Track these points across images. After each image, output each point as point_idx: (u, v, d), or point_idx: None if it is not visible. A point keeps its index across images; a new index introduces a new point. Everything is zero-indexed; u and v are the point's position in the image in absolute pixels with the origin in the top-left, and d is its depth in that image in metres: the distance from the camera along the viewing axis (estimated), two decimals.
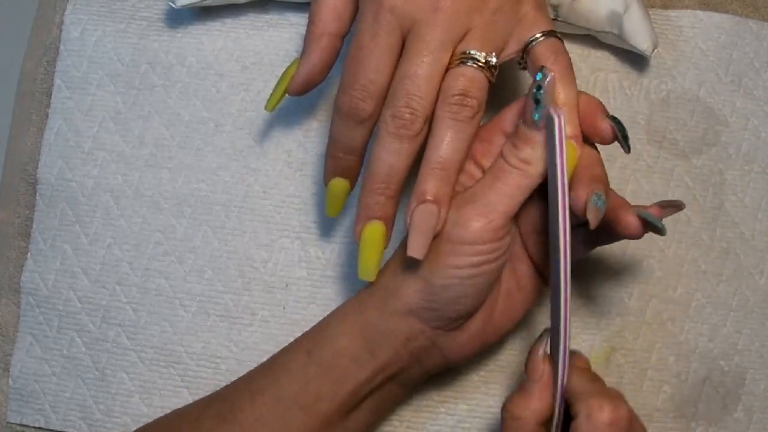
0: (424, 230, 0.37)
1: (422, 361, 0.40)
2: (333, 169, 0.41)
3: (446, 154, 0.37)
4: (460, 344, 0.40)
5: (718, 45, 0.50)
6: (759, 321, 0.48)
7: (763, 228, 0.49)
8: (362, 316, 0.39)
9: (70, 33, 0.51)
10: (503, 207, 0.37)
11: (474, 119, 0.37)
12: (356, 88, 0.38)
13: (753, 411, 0.47)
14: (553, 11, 0.47)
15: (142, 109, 0.50)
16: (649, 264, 0.48)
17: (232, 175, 0.49)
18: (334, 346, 0.39)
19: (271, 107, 0.43)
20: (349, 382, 0.39)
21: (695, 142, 0.49)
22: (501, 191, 0.37)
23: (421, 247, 0.37)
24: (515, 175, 0.37)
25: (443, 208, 0.37)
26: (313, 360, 0.39)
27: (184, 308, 0.48)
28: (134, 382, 0.48)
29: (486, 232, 0.37)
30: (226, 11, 0.51)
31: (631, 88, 0.50)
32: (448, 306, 0.38)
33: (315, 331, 0.41)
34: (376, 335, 0.39)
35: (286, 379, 0.39)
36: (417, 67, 0.37)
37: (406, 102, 0.37)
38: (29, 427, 0.48)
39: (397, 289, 0.39)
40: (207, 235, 0.49)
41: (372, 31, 0.37)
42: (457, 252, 0.37)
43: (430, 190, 0.37)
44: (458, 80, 0.37)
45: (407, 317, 0.38)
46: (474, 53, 0.37)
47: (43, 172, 0.50)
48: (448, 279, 0.37)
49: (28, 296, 0.49)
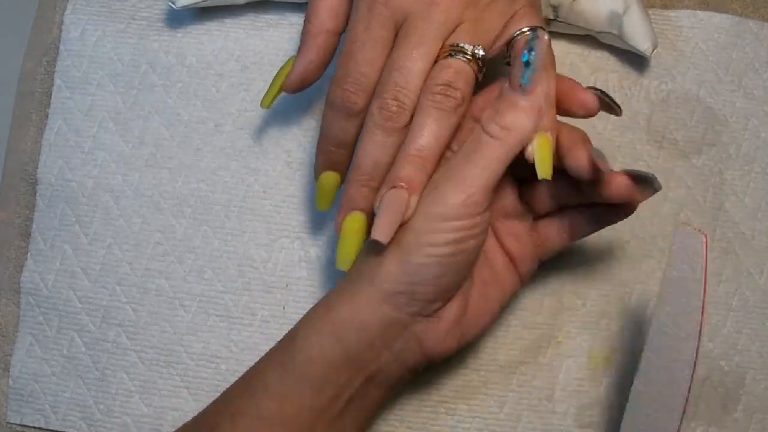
0: (392, 215, 0.36)
1: (401, 356, 0.38)
2: (324, 162, 0.41)
3: (425, 142, 0.36)
4: (438, 334, 0.38)
5: (718, 45, 0.50)
6: (759, 321, 0.48)
7: (763, 228, 0.49)
8: (332, 316, 0.38)
9: (70, 33, 0.51)
10: (482, 180, 0.36)
11: (457, 110, 0.37)
12: (349, 81, 0.38)
13: (753, 411, 0.47)
14: (553, 12, 0.47)
15: (142, 109, 0.50)
16: (649, 264, 0.48)
17: (232, 175, 0.49)
18: (308, 355, 0.38)
19: (266, 104, 0.43)
20: (328, 388, 0.37)
21: (695, 142, 0.49)
22: (479, 164, 0.36)
23: (387, 231, 0.36)
24: (494, 145, 0.36)
25: (414, 195, 0.36)
26: (288, 372, 0.38)
27: (184, 308, 0.48)
28: (134, 382, 0.48)
29: (465, 207, 0.36)
30: (226, 11, 0.51)
31: (631, 88, 0.50)
32: (426, 286, 0.37)
33: (286, 342, 0.39)
34: (349, 333, 0.37)
35: (265, 397, 0.38)
36: (407, 60, 0.37)
37: (393, 94, 0.37)
38: (29, 427, 0.48)
39: (371, 277, 0.37)
40: (207, 235, 0.49)
41: (365, 23, 0.37)
42: (435, 229, 0.36)
43: (405, 177, 0.36)
44: (444, 71, 0.37)
45: (381, 305, 0.37)
46: (462, 45, 0.37)
47: (43, 172, 0.50)
48: (427, 257, 0.36)
49: (28, 296, 0.49)
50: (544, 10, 0.47)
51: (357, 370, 0.38)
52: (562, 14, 0.47)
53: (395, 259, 0.37)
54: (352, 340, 0.37)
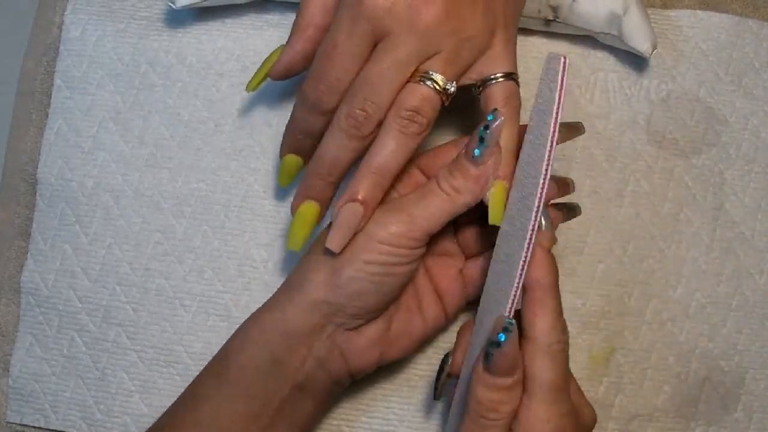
0: (346, 227, 0.39)
1: (325, 365, 0.40)
2: (289, 146, 0.43)
3: (385, 162, 0.39)
4: (359, 349, 0.41)
5: (718, 45, 0.50)
6: (759, 321, 0.48)
7: (763, 228, 0.49)
8: (261, 323, 0.40)
9: (70, 33, 0.51)
10: (424, 223, 0.39)
11: (419, 135, 0.39)
12: (323, 82, 0.40)
13: (753, 411, 0.47)
14: (553, 12, 0.47)
15: (142, 109, 0.50)
16: (649, 264, 0.48)
17: (232, 175, 0.49)
18: (239, 362, 0.40)
19: (251, 88, 0.45)
20: (258, 395, 0.40)
21: (695, 142, 0.49)
22: (426, 209, 0.39)
23: (340, 242, 0.39)
24: (443, 199, 0.39)
25: (369, 210, 0.39)
26: (222, 381, 0.40)
27: (184, 308, 0.48)
28: (134, 382, 0.48)
29: (403, 238, 0.39)
30: (226, 11, 0.51)
31: (631, 88, 0.50)
32: (351, 300, 0.39)
33: (221, 352, 0.42)
34: (276, 337, 0.40)
35: (202, 406, 0.40)
36: (380, 77, 0.39)
37: (362, 105, 0.39)
38: (29, 426, 0.48)
39: (302, 284, 0.40)
40: (207, 235, 0.49)
41: (347, 32, 0.39)
42: (371, 249, 0.39)
43: (362, 192, 0.39)
44: (414, 96, 0.39)
45: (307, 313, 0.40)
46: (435, 76, 0.39)
47: (43, 172, 0.50)
48: (357, 272, 0.39)
49: (28, 296, 0.49)
50: (543, 10, 0.47)
51: (284, 377, 0.40)
52: (562, 15, 0.47)
53: (327, 270, 0.39)
54: (279, 345, 0.40)
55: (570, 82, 0.50)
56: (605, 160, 0.49)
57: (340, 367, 0.41)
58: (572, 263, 0.48)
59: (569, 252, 0.48)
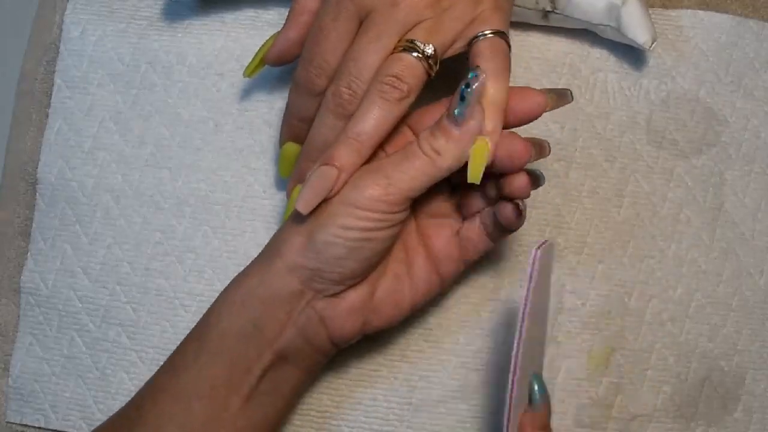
0: (317, 189, 0.38)
1: (305, 332, 0.40)
2: (287, 133, 0.44)
3: (365, 128, 0.38)
4: (340, 315, 0.40)
5: (718, 45, 0.50)
6: (759, 321, 0.48)
7: (763, 228, 0.49)
8: (240, 288, 0.40)
9: (70, 33, 0.51)
10: (403, 185, 0.38)
11: (401, 102, 0.38)
12: (313, 65, 0.41)
13: (753, 411, 0.47)
14: (551, 3, 0.47)
15: (143, 109, 0.50)
16: (649, 264, 0.48)
17: (232, 175, 0.49)
18: (219, 328, 0.40)
19: (248, 73, 0.45)
20: (239, 362, 0.39)
21: (695, 143, 0.49)
22: (406, 171, 0.38)
23: (309, 203, 0.38)
24: (423, 161, 0.38)
25: (344, 174, 0.38)
26: (203, 348, 0.40)
27: (184, 308, 0.48)
28: (134, 382, 0.48)
29: (380, 202, 0.38)
30: (226, 11, 0.51)
31: (630, 88, 0.50)
32: (329, 266, 0.38)
33: (202, 319, 0.41)
34: (256, 303, 0.39)
35: (184, 373, 0.40)
36: (363, 53, 0.39)
37: (347, 83, 0.39)
38: (29, 426, 0.48)
39: (280, 247, 0.39)
40: (207, 235, 0.49)
41: (333, 14, 0.40)
42: (347, 213, 0.38)
43: (339, 157, 0.38)
44: (395, 63, 0.39)
45: (286, 277, 0.39)
46: (417, 42, 0.39)
47: (43, 172, 0.50)
48: (333, 237, 0.38)
49: (28, 296, 0.49)
50: (542, 1, 0.47)
51: (265, 344, 0.39)
52: (560, 6, 0.47)
53: (304, 234, 0.39)
54: (258, 310, 0.39)
55: (570, 82, 0.50)
56: (605, 161, 0.49)
57: (320, 335, 0.40)
58: (572, 263, 0.48)
59: (569, 252, 0.48)
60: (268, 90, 0.50)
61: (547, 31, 0.50)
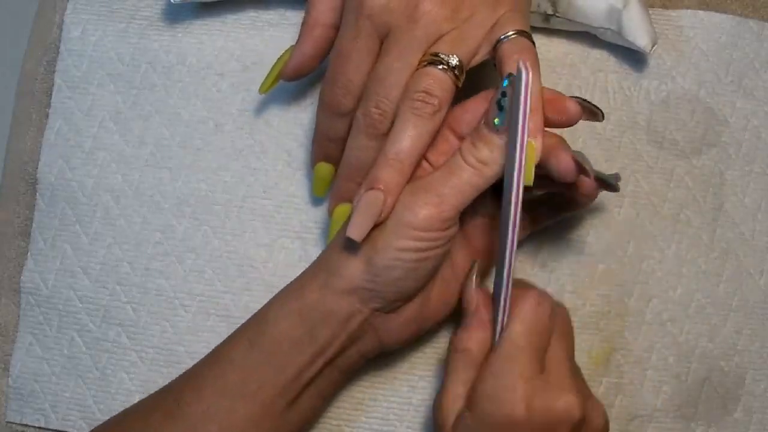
0: (368, 215, 0.38)
1: (358, 343, 0.41)
2: (319, 154, 0.44)
3: (404, 147, 0.38)
4: (396, 327, 0.41)
5: (718, 45, 0.50)
6: (759, 321, 0.48)
7: (763, 228, 0.49)
8: (302, 299, 0.40)
9: (71, 33, 0.51)
10: (455, 201, 0.38)
11: (435, 116, 0.39)
12: (338, 85, 0.41)
13: (753, 411, 0.47)
14: (552, 7, 0.47)
15: (143, 109, 0.50)
16: (649, 264, 0.48)
17: (232, 175, 0.49)
18: (274, 331, 0.40)
19: (264, 89, 0.45)
20: (290, 367, 0.39)
21: (695, 143, 0.49)
22: (454, 186, 0.38)
23: (361, 230, 0.38)
24: (470, 173, 0.38)
25: (390, 197, 0.38)
26: (255, 348, 0.40)
27: (184, 308, 0.48)
28: (134, 382, 0.48)
29: (434, 221, 0.38)
30: (226, 11, 0.51)
31: (631, 88, 0.50)
32: (388, 287, 0.39)
33: (256, 319, 0.41)
34: (315, 317, 0.39)
35: (230, 370, 0.40)
36: (388, 72, 0.39)
37: (375, 103, 0.39)
38: (29, 426, 0.48)
39: (339, 269, 0.39)
40: (207, 235, 0.49)
41: (354, 33, 0.40)
42: (403, 235, 0.38)
43: (383, 179, 0.38)
44: (423, 79, 0.39)
45: (348, 297, 0.39)
46: (441, 55, 0.39)
47: (43, 172, 0.50)
48: (392, 261, 0.38)
49: (28, 296, 0.49)
50: (543, 4, 0.47)
51: (318, 354, 0.40)
52: (561, 9, 0.47)
53: (363, 258, 0.39)
54: (318, 324, 0.40)
55: (570, 83, 0.50)
56: (605, 161, 0.49)
57: (373, 346, 0.41)
58: (572, 263, 0.48)
59: (569, 252, 0.48)
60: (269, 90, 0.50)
61: (547, 32, 0.50)
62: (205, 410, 0.39)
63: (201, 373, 0.41)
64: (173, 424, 0.39)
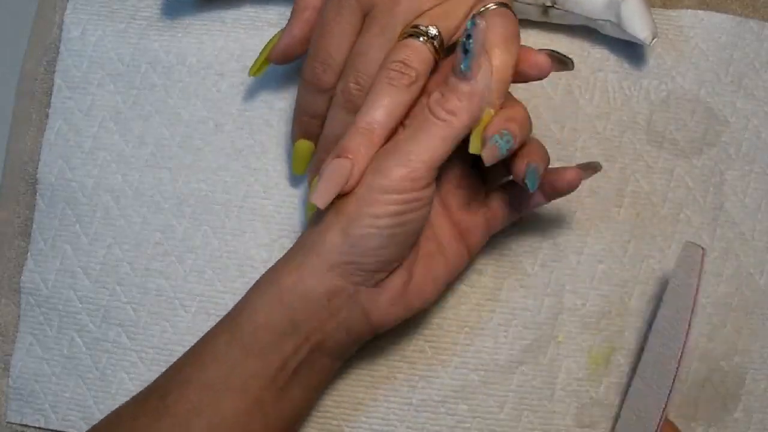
0: (333, 182, 0.37)
1: (346, 324, 0.39)
2: (299, 130, 0.45)
3: (376, 116, 0.38)
4: (382, 304, 0.40)
5: (718, 45, 0.50)
6: (759, 321, 0.48)
7: (763, 228, 0.49)
8: (278, 284, 0.39)
9: (71, 33, 0.51)
10: (425, 156, 0.37)
11: (410, 88, 0.38)
12: (319, 61, 0.41)
13: (753, 411, 0.47)
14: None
15: (143, 109, 0.50)
16: (649, 264, 0.48)
17: (232, 175, 0.49)
18: (254, 322, 0.39)
19: (253, 72, 0.45)
20: (275, 356, 0.38)
21: (695, 143, 0.49)
22: (424, 142, 0.37)
23: (325, 197, 0.37)
24: (440, 126, 0.37)
25: (358, 165, 0.37)
26: (236, 340, 0.39)
27: (184, 308, 0.48)
28: (134, 382, 0.48)
29: (406, 180, 0.37)
30: (227, 11, 0.51)
31: (631, 88, 0.50)
32: (367, 257, 0.38)
33: (235, 311, 0.40)
34: (295, 301, 0.38)
35: (213, 365, 0.39)
36: (369, 47, 0.39)
37: (355, 78, 0.39)
38: (29, 426, 0.48)
39: (314, 246, 0.38)
40: (207, 235, 0.49)
41: (336, 10, 0.40)
42: (376, 201, 0.37)
43: (351, 148, 0.38)
44: (401, 50, 0.38)
45: (327, 274, 0.38)
46: (420, 27, 0.39)
47: (43, 172, 0.50)
48: (367, 228, 0.37)
49: (28, 296, 0.49)
50: None
51: (303, 339, 0.39)
52: (560, 1, 0.47)
53: (338, 230, 0.38)
54: (298, 308, 0.38)
55: (570, 83, 0.50)
56: (605, 161, 0.49)
57: (362, 327, 0.40)
58: (572, 263, 0.48)
59: (569, 252, 0.48)
60: (269, 90, 0.50)
61: (547, 31, 0.50)
62: (192, 407, 0.38)
63: (185, 369, 0.40)
64: (161, 423, 0.38)
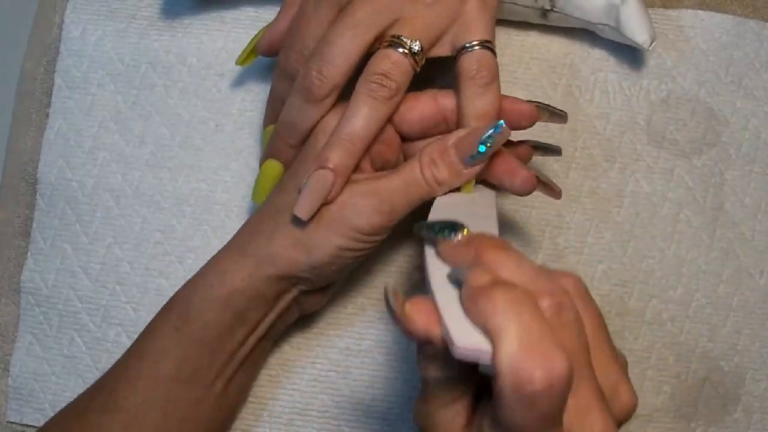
0: (316, 194, 0.38)
1: (284, 316, 0.43)
2: (271, 115, 0.45)
3: (356, 128, 0.38)
4: (318, 301, 0.44)
5: (718, 45, 0.50)
6: (759, 321, 0.48)
7: (763, 228, 0.49)
8: (229, 286, 0.40)
9: (71, 33, 0.51)
10: (404, 211, 0.39)
11: (391, 100, 0.39)
12: (294, 49, 0.41)
13: (753, 411, 0.47)
14: (550, 2, 0.47)
15: (143, 109, 0.50)
16: (649, 264, 0.48)
17: (233, 175, 0.49)
18: (202, 319, 0.40)
19: (239, 62, 0.46)
20: (223, 350, 0.41)
21: (695, 143, 0.49)
22: (406, 197, 0.39)
23: (308, 209, 0.38)
24: (423, 188, 0.39)
25: (340, 178, 0.39)
26: (183, 336, 0.40)
27: None
28: None
29: (381, 228, 0.39)
30: (226, 11, 0.51)
31: (631, 88, 0.50)
32: (321, 278, 0.41)
33: (180, 307, 0.41)
34: (243, 302, 0.40)
35: (162, 360, 0.40)
36: (337, 38, 0.39)
37: (318, 67, 0.39)
38: (29, 426, 0.48)
39: (274, 258, 0.40)
40: (207, 235, 0.49)
41: (315, 2, 0.41)
42: (348, 236, 0.39)
43: (333, 159, 0.38)
44: (383, 61, 0.39)
45: (279, 281, 0.40)
46: (403, 39, 0.39)
47: (43, 171, 0.50)
48: (332, 258, 0.39)
49: (28, 296, 0.49)
50: (541, 0, 0.47)
51: (249, 334, 0.41)
52: (559, 4, 0.47)
53: (301, 250, 0.39)
54: (243, 306, 0.40)
55: (570, 83, 0.50)
56: (605, 161, 0.49)
57: (294, 316, 0.44)
58: (572, 263, 0.48)
59: (569, 252, 0.48)
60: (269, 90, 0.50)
61: (547, 32, 0.50)
62: (143, 401, 0.40)
63: (132, 365, 0.41)
64: (111, 418, 0.39)
